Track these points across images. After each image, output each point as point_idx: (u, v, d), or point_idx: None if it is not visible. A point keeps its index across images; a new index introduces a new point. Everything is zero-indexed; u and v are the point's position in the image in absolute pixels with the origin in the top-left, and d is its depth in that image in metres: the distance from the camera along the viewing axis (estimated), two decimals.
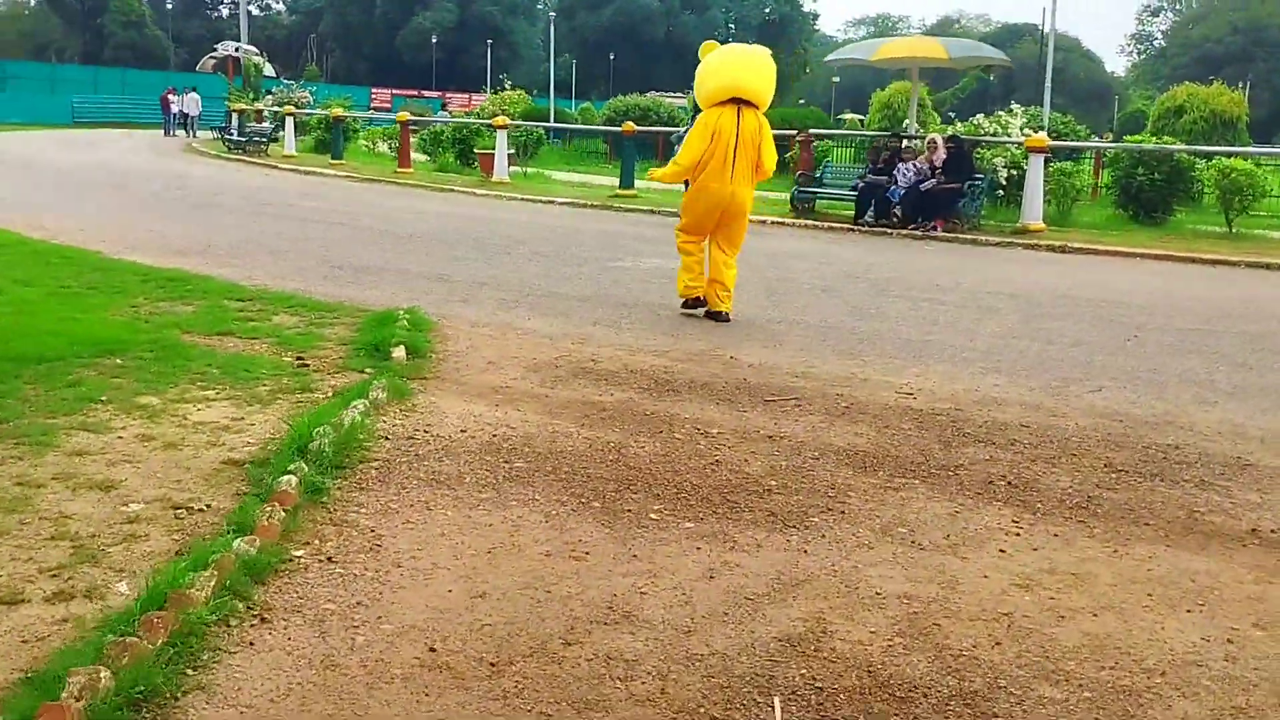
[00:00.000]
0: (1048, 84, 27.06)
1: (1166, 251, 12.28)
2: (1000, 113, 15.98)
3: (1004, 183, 14.99)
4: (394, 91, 65.96)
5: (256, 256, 9.64)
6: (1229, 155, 14.83)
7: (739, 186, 7.49)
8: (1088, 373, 6.34)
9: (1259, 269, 11.51)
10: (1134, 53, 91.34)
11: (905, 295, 8.97)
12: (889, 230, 14.05)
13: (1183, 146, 15.86)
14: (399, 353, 5.98)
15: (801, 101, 53.98)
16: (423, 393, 5.32)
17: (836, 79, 71.09)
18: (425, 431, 4.70)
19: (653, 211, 15.71)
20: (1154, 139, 15.75)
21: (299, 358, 5.94)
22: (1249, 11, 75.94)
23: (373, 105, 57.40)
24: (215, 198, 15.65)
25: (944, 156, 14.32)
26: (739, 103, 7.41)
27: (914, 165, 14.34)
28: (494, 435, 4.70)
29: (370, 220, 13.26)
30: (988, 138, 15.35)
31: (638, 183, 18.16)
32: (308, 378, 5.48)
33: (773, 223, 14.76)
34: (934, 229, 13.87)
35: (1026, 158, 14.22)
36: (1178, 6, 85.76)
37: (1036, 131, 15.94)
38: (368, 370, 5.63)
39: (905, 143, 15.26)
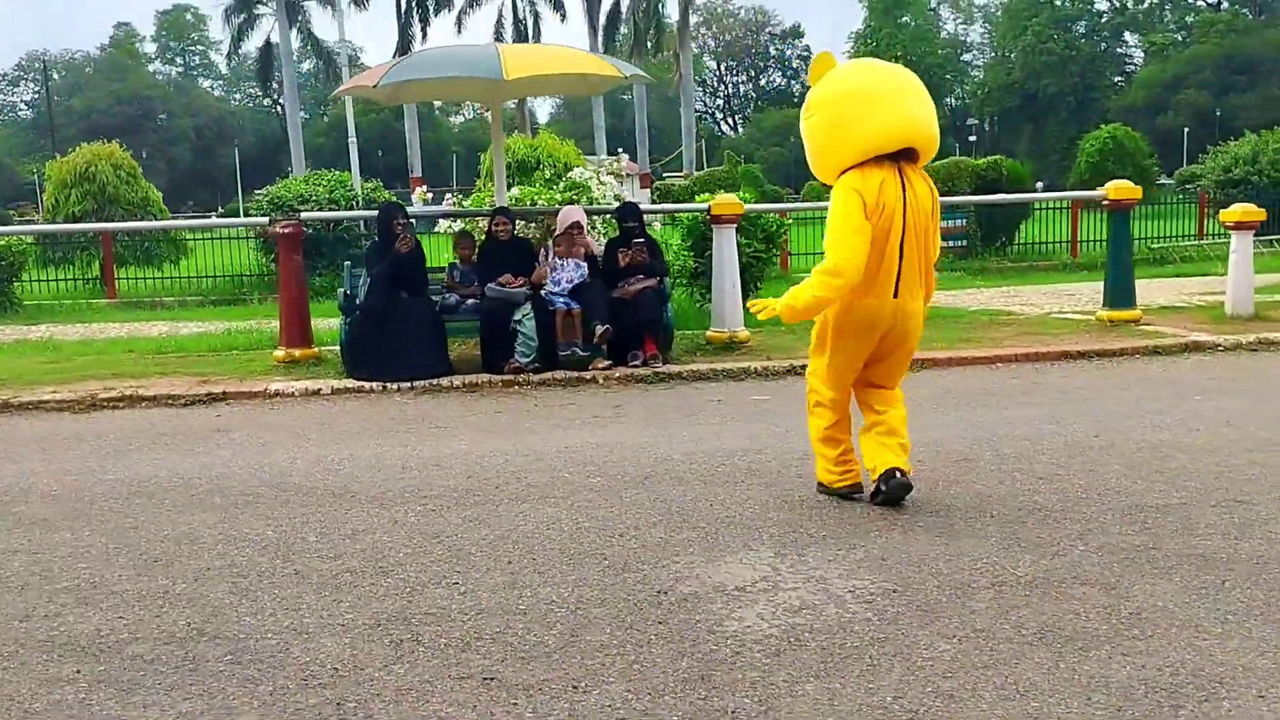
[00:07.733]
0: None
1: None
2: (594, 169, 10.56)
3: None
4: None
5: None
6: None
7: (910, 300, 4.18)
8: None
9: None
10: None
11: None
12: (582, 377, 7.80)
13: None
14: None
15: None
16: None
17: None
18: None
19: None
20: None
21: None
22: (127, 83, 74.37)
23: None
24: None
25: (590, 242, 8.65)
26: (902, 159, 4.05)
27: (573, 259, 8.31)
28: None
29: None
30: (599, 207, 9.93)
31: None
32: None
33: (302, 393, 7.55)
34: (642, 361, 8.07)
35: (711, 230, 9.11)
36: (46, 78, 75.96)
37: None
38: None
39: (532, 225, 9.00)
